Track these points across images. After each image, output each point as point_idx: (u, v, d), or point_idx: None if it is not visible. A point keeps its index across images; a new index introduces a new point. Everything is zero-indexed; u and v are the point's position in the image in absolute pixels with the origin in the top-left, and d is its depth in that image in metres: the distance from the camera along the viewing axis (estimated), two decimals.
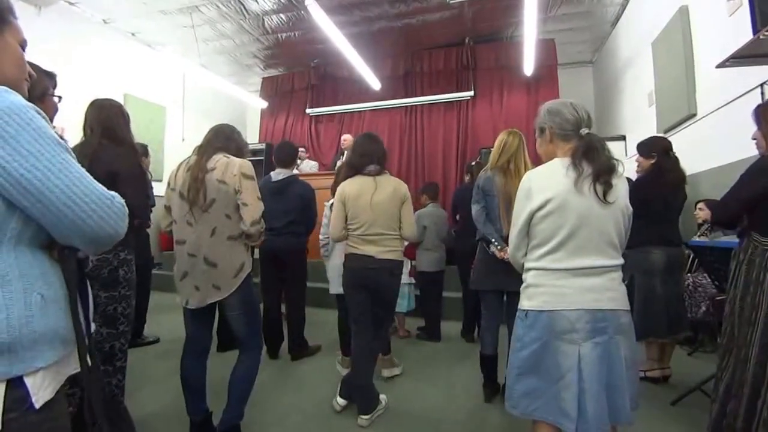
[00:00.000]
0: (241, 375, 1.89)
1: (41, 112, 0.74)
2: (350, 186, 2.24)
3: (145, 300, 3.35)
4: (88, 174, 0.76)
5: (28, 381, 0.68)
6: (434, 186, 4.06)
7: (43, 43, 3.93)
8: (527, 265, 1.39)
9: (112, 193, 0.78)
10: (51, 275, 0.75)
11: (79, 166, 0.75)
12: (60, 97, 1.57)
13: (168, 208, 1.92)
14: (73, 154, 0.76)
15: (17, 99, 0.71)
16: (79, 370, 0.79)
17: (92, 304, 1.45)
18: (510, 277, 2.11)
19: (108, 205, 0.75)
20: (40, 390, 0.69)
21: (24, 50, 0.83)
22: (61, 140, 0.74)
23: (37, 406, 0.68)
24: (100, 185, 0.76)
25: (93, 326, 1.54)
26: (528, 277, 1.38)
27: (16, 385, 0.67)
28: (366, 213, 2.19)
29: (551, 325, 1.27)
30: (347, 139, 5.34)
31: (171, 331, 3.30)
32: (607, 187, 1.28)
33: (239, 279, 1.83)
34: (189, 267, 1.83)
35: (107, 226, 0.75)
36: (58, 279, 0.77)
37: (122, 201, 0.80)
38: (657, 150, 2.57)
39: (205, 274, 1.80)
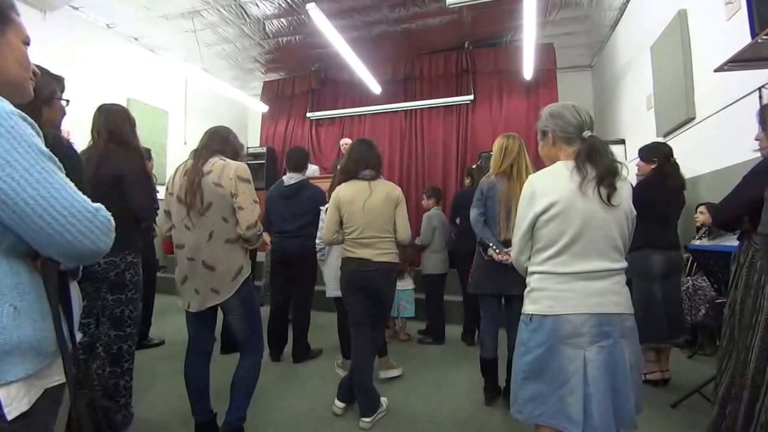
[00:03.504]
0: (242, 377, 1.91)
1: (28, 119, 0.71)
2: (345, 190, 2.27)
3: (151, 303, 3.36)
4: (72, 184, 0.72)
5: (1, 393, 0.65)
6: (438, 190, 4.12)
7: (47, 47, 3.97)
8: (531, 268, 1.38)
9: (97, 205, 0.74)
10: (26, 286, 0.71)
11: (62, 176, 0.71)
12: (68, 101, 1.59)
13: (168, 213, 1.92)
14: (59, 164, 0.72)
15: (0, 105, 0.68)
16: (59, 382, 0.77)
17: (78, 314, 1.46)
18: (508, 281, 2.12)
19: (89, 219, 0.71)
20: (14, 401, 0.66)
21: (27, 48, 0.81)
22: (45, 148, 0.71)
23: (9, 417, 0.66)
24: (84, 197, 0.72)
25: (80, 336, 1.56)
26: (532, 281, 1.37)
27: None
28: (360, 217, 2.21)
29: (556, 330, 1.26)
30: (347, 143, 5.37)
31: (176, 334, 3.31)
32: (612, 189, 1.27)
33: (237, 282, 1.83)
34: (188, 271, 1.84)
35: (87, 241, 0.70)
36: (35, 290, 0.73)
37: (107, 215, 0.75)
38: (658, 155, 2.60)
39: (203, 277, 1.81)
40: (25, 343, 0.69)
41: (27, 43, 0.80)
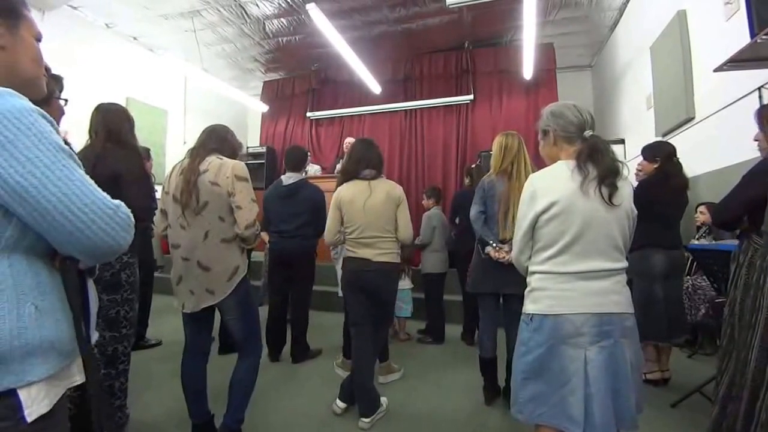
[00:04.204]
0: (240, 378, 1.89)
1: (47, 116, 0.70)
2: (345, 191, 2.27)
3: (148, 303, 3.35)
4: (92, 182, 0.71)
5: (22, 394, 0.64)
6: (439, 190, 4.12)
7: (46, 46, 3.95)
8: (531, 268, 1.37)
9: (117, 202, 0.73)
10: (46, 285, 0.71)
11: (82, 173, 0.71)
12: (66, 100, 1.58)
13: (164, 212, 1.90)
14: (78, 161, 0.72)
15: (19, 102, 0.67)
16: (79, 381, 0.76)
17: (95, 314, 1.45)
18: (506, 280, 2.12)
19: (110, 216, 0.70)
20: (34, 403, 0.66)
21: (39, 44, 0.80)
22: (65, 146, 0.70)
23: (29, 419, 0.64)
24: (104, 194, 0.72)
25: (96, 336, 1.56)
26: (533, 281, 1.36)
27: (9, 395, 0.64)
28: (360, 217, 2.21)
29: (557, 330, 1.26)
30: (350, 141, 5.36)
31: (173, 334, 3.29)
32: (613, 189, 1.27)
33: (233, 283, 1.80)
34: (184, 271, 1.81)
35: (108, 238, 0.70)
36: (56, 289, 0.73)
37: (128, 211, 0.75)
38: (661, 155, 2.59)
39: (198, 278, 1.78)
40: (47, 342, 0.68)
41: (39, 39, 0.79)
